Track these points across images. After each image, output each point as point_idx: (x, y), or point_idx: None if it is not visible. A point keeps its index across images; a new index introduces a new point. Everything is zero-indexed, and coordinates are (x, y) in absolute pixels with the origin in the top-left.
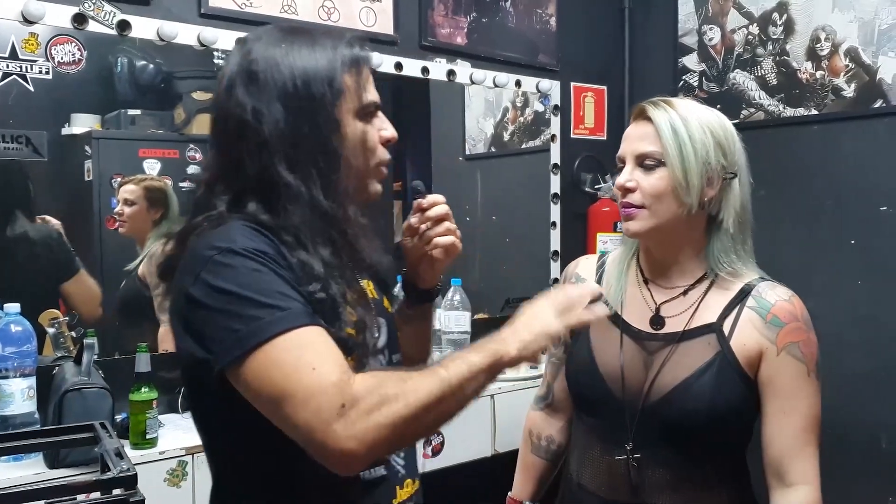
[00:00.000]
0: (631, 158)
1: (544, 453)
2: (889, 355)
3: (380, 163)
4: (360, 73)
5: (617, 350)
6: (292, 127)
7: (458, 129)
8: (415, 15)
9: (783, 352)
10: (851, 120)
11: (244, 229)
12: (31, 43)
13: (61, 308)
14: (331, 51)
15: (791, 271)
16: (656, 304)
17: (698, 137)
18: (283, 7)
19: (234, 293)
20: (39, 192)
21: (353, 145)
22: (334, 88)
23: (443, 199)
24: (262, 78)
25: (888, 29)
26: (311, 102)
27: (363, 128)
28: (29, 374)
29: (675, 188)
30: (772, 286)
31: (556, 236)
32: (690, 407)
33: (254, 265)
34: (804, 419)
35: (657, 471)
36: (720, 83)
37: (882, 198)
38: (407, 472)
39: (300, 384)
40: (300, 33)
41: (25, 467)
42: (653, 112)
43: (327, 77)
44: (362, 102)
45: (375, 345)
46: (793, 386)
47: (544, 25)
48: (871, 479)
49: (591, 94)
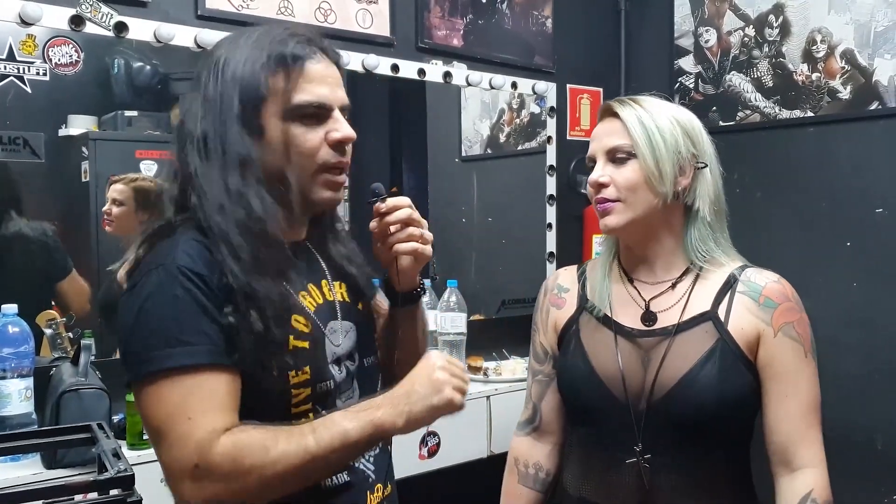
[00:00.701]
0: (601, 154)
1: (533, 482)
2: (884, 357)
3: (322, 166)
4: (289, 73)
5: (613, 352)
6: (211, 134)
7: (454, 130)
8: (411, 17)
9: (780, 333)
10: (847, 122)
11: (188, 243)
12: (28, 44)
13: (55, 308)
14: (257, 51)
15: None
16: (645, 300)
17: (666, 127)
18: (280, 9)
19: (151, 315)
20: (36, 194)
21: (277, 150)
22: (250, 93)
23: (406, 203)
24: (199, 82)
25: (884, 31)
26: (226, 108)
27: (293, 131)
28: (26, 374)
29: (648, 178)
30: (758, 271)
31: (552, 238)
32: (698, 398)
33: (180, 291)
34: (806, 401)
35: (668, 474)
36: (716, 85)
37: (878, 200)
38: (378, 477)
39: (173, 429)
40: (247, 34)
41: (23, 468)
42: (619, 108)
43: (246, 82)
44: (290, 104)
45: (335, 353)
46: (792, 368)
47: (540, 27)
48: (867, 480)
49: (587, 96)
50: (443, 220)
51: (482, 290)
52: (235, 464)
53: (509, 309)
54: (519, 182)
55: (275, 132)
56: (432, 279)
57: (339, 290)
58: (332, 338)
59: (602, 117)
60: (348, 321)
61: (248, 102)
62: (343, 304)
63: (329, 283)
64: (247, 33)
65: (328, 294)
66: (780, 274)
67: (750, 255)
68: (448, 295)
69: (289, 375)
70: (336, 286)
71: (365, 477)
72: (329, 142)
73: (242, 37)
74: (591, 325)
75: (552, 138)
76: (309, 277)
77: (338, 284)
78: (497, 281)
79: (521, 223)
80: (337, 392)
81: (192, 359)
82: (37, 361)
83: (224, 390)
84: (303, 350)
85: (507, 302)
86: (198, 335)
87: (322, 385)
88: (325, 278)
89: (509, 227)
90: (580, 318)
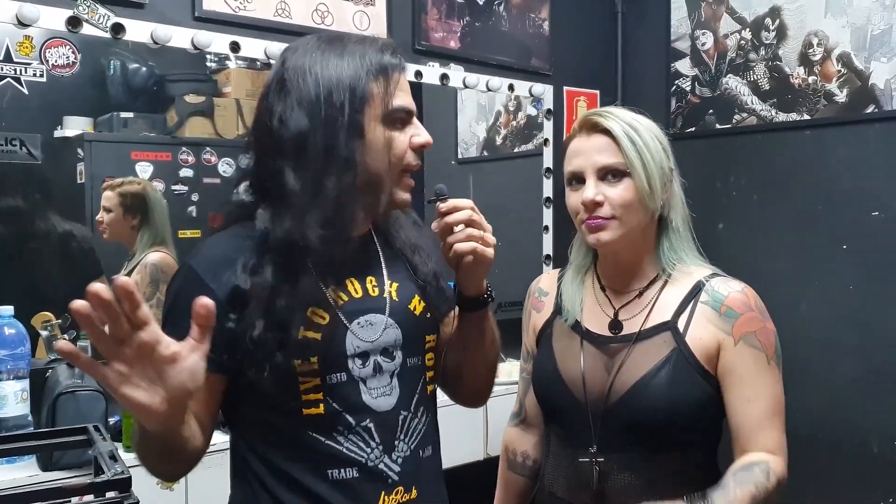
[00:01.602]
0: (592, 172)
1: (521, 469)
2: (880, 360)
3: (405, 168)
4: (387, 79)
5: (577, 356)
6: (311, 133)
7: (450, 132)
8: (408, 19)
9: (740, 342)
10: (843, 125)
11: (216, 242)
12: (25, 46)
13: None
14: (358, 59)
15: (783, 276)
16: (615, 308)
17: (651, 143)
18: (277, 11)
19: (167, 305)
20: (31, 194)
21: (375, 151)
22: (357, 96)
23: (467, 204)
24: (289, 86)
25: (880, 34)
26: (332, 110)
27: (389, 134)
28: (22, 376)
29: (642, 196)
30: (724, 280)
31: (548, 240)
32: (649, 404)
33: (181, 288)
34: (768, 404)
35: (622, 474)
36: (713, 88)
37: (874, 203)
38: (402, 479)
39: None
40: (334, 42)
41: (18, 470)
42: (607, 123)
43: (351, 85)
44: (388, 108)
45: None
46: (753, 375)
47: (537, 30)
48: (863, 483)
49: (584, 99)
50: None
51: None
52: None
53: (506, 311)
54: (515, 184)
55: (374, 134)
56: None
57: (389, 288)
58: (360, 333)
59: (583, 131)
60: (392, 318)
61: (353, 104)
62: (391, 302)
63: (378, 280)
64: (330, 41)
65: (372, 290)
66: (777, 277)
67: (746, 257)
68: None
69: (295, 364)
70: (388, 284)
71: (383, 478)
72: (413, 146)
73: (326, 44)
74: (563, 329)
75: (549, 140)
76: (354, 272)
77: (389, 283)
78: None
79: (518, 225)
80: (362, 387)
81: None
82: (33, 363)
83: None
84: (313, 341)
85: (504, 304)
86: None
87: (333, 377)
88: (376, 275)
89: (505, 229)
90: (554, 321)
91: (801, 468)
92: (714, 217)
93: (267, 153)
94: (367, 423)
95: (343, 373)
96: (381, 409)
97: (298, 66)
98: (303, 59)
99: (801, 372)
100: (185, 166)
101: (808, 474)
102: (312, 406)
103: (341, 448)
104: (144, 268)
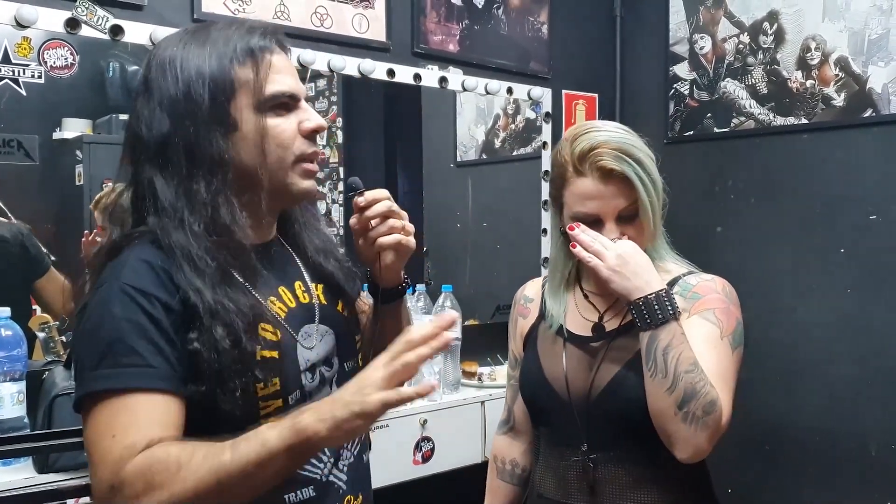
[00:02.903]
0: (612, 217)
1: (510, 477)
2: (878, 362)
3: (299, 157)
4: (258, 64)
5: (560, 356)
6: (174, 135)
7: (449, 135)
8: (407, 22)
9: (695, 315)
10: (841, 129)
11: (136, 263)
12: (23, 47)
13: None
14: (221, 46)
15: (781, 279)
16: (599, 312)
17: (651, 169)
18: (276, 13)
19: (97, 335)
20: (29, 196)
21: (252, 144)
22: (220, 87)
23: (384, 195)
24: (152, 86)
25: (878, 39)
26: (194, 105)
27: (268, 122)
28: (18, 378)
29: (651, 229)
30: (698, 274)
31: (546, 243)
32: (628, 396)
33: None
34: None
35: (612, 469)
36: (711, 92)
37: (871, 206)
38: (350, 487)
39: (97, 448)
40: (198, 32)
41: (14, 472)
42: (623, 168)
43: (213, 75)
44: (263, 95)
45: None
46: (701, 341)
47: (536, 33)
48: (861, 486)
49: (583, 102)
50: (437, 225)
51: (477, 295)
52: (146, 481)
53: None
54: (514, 187)
55: (249, 125)
56: (427, 284)
57: (316, 292)
58: (306, 343)
59: (595, 173)
60: (325, 324)
61: (218, 97)
62: (321, 307)
63: (304, 285)
64: (195, 32)
65: (303, 296)
66: (775, 281)
67: (744, 260)
68: (443, 300)
69: (256, 388)
70: (313, 287)
71: (334, 489)
72: (302, 131)
73: (189, 35)
74: (547, 333)
75: (547, 144)
76: (281, 280)
77: (314, 285)
78: (492, 286)
79: (516, 228)
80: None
81: (120, 382)
82: (29, 365)
83: (157, 410)
84: (272, 360)
85: (502, 307)
86: (131, 356)
87: (292, 396)
88: (301, 279)
89: (504, 232)
90: (539, 326)
91: (799, 471)
92: (712, 220)
93: (139, 161)
94: None
95: (298, 390)
96: None
97: (160, 63)
98: (164, 55)
99: (799, 375)
100: None
101: (806, 477)
102: None
103: (298, 470)
104: None
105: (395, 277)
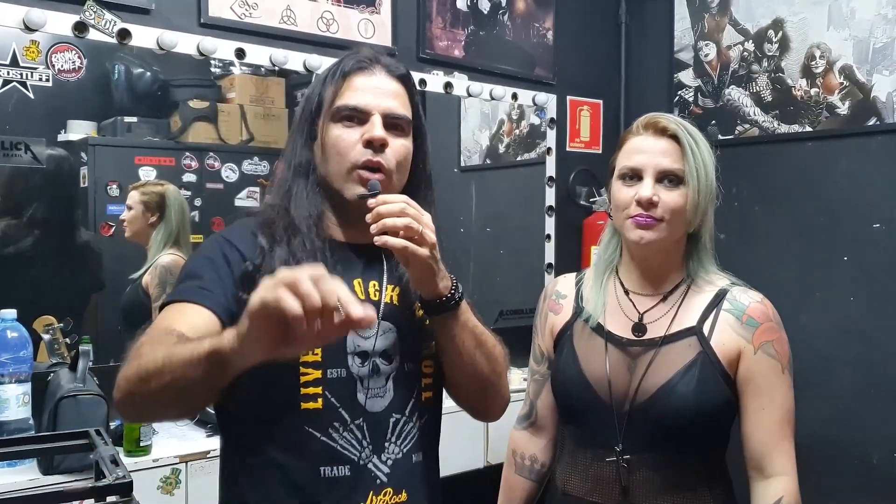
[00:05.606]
0: (652, 173)
1: (528, 473)
2: (881, 371)
3: (352, 165)
4: (339, 82)
5: (602, 358)
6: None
7: (453, 140)
8: (413, 27)
9: (759, 350)
10: (845, 137)
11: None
12: (32, 50)
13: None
14: (328, 70)
15: (784, 287)
16: (639, 312)
17: (708, 160)
18: (283, 18)
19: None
20: (35, 198)
21: (324, 150)
22: (313, 102)
23: (395, 199)
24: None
25: (883, 47)
26: (295, 122)
27: (333, 132)
28: (24, 380)
29: (690, 208)
30: (744, 290)
31: (550, 249)
32: (676, 405)
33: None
34: (779, 414)
35: (646, 473)
36: (715, 99)
37: (875, 215)
38: (391, 481)
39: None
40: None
41: (19, 473)
42: (675, 129)
43: (310, 94)
44: (333, 107)
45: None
46: (768, 383)
47: (541, 39)
48: (864, 495)
49: (587, 108)
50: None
51: (480, 300)
52: (134, 349)
53: (507, 319)
54: (518, 193)
55: (326, 135)
56: None
57: (390, 293)
58: (359, 332)
59: (648, 130)
60: (388, 322)
61: (308, 113)
62: (388, 306)
63: (379, 286)
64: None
65: (373, 294)
66: (778, 288)
67: (748, 268)
68: None
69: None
70: (388, 289)
71: (372, 477)
72: (362, 142)
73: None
74: (584, 331)
75: (552, 149)
76: (360, 275)
77: (391, 287)
78: (495, 291)
79: (520, 234)
80: (358, 385)
81: (179, 295)
82: (34, 367)
83: (199, 318)
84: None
85: (506, 312)
86: (196, 280)
87: (333, 371)
88: (378, 279)
89: (508, 237)
90: (574, 324)
91: (801, 480)
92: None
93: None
94: (360, 421)
95: (343, 369)
96: (373, 410)
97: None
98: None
99: (802, 383)
100: (188, 171)
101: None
102: (311, 400)
103: (336, 445)
104: (155, 269)
105: (426, 288)
